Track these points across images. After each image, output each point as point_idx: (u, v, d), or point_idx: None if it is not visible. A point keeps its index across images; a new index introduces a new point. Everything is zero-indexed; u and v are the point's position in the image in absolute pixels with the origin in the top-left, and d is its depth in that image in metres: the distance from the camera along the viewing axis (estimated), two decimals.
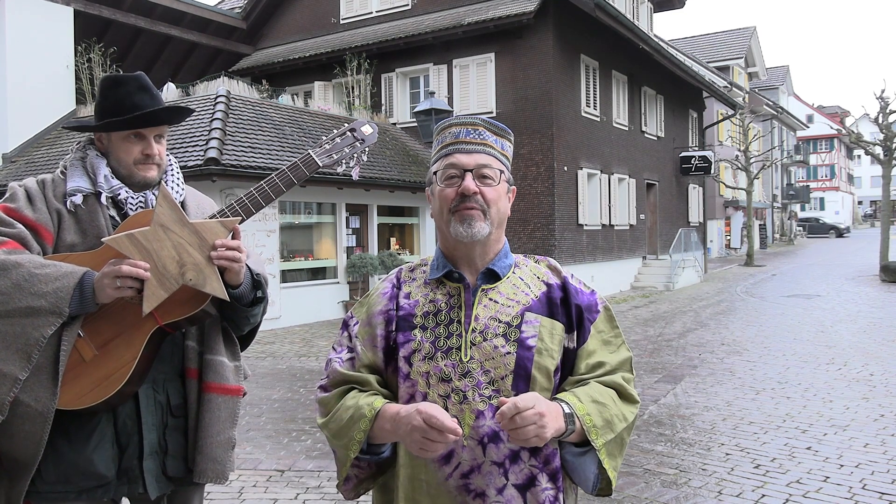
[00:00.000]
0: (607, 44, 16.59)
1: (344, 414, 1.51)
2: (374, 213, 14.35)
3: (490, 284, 1.58)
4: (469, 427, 1.47)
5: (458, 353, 1.50)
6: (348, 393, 1.56)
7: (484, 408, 1.47)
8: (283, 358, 9.28)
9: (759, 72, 38.84)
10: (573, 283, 1.63)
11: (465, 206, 1.53)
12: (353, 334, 1.63)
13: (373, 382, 1.56)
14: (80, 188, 1.96)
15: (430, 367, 1.51)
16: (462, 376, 1.49)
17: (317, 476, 4.62)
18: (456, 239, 1.55)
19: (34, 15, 14.23)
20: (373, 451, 1.54)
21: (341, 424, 1.51)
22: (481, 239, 1.55)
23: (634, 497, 4.19)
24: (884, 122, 20.13)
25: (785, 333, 10.65)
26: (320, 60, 17.28)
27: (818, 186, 63.47)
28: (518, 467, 1.46)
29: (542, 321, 1.55)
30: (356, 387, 1.57)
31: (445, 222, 1.56)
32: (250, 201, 1.95)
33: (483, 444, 1.46)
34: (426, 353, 1.52)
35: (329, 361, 1.63)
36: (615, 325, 1.63)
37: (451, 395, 1.49)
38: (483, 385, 1.48)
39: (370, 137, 2.13)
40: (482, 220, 1.53)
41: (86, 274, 1.81)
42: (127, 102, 1.97)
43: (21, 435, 1.78)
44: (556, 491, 1.48)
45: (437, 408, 1.37)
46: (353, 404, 1.50)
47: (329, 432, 1.55)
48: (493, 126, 1.61)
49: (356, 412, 1.48)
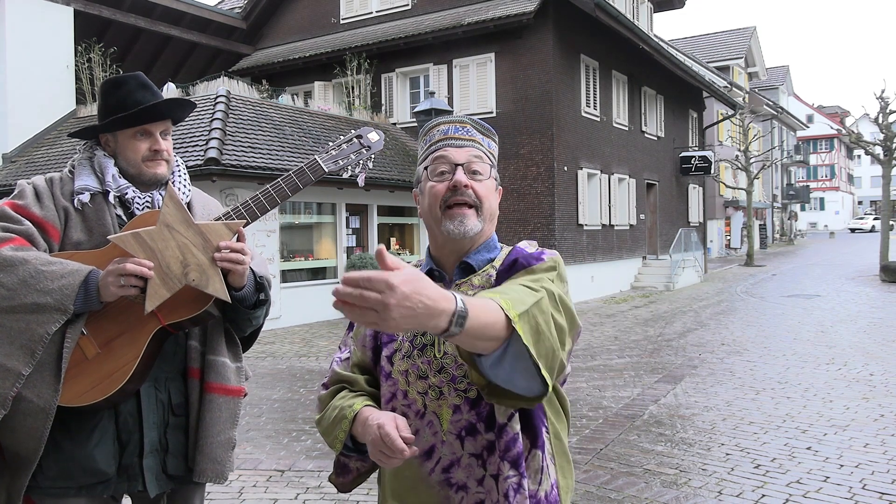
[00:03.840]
0: (607, 44, 16.60)
1: (331, 413, 1.57)
2: (374, 213, 14.35)
3: (464, 278, 1.56)
4: (447, 422, 1.48)
5: (432, 350, 1.51)
6: (340, 392, 1.61)
7: (460, 402, 1.48)
8: (283, 358, 9.28)
9: (759, 72, 38.86)
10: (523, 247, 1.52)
11: (456, 200, 1.50)
12: (352, 334, 1.68)
13: (360, 382, 1.60)
14: (88, 187, 1.97)
15: (408, 365, 1.52)
16: (437, 372, 1.50)
17: (317, 476, 4.63)
18: (446, 237, 1.53)
19: (34, 15, 14.23)
20: (361, 448, 1.56)
21: (329, 423, 1.57)
22: (473, 236, 1.53)
23: (634, 497, 4.19)
24: (884, 122, 20.13)
25: (785, 333, 10.65)
26: (320, 60, 17.28)
27: (818, 186, 63.54)
28: (493, 458, 1.46)
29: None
30: (347, 386, 1.62)
31: (436, 220, 1.53)
32: (256, 205, 1.96)
33: (461, 437, 1.48)
34: (405, 352, 1.54)
35: (332, 362, 1.69)
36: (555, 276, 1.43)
37: (428, 392, 1.50)
38: (458, 379, 1.48)
39: (376, 144, 2.13)
40: (475, 217, 1.51)
41: (91, 272, 1.82)
42: (129, 101, 1.98)
43: (23, 430, 1.79)
44: (518, 477, 1.44)
45: (398, 422, 1.37)
46: (339, 405, 1.56)
47: (320, 429, 1.61)
48: (480, 125, 1.61)
49: (339, 413, 1.54)
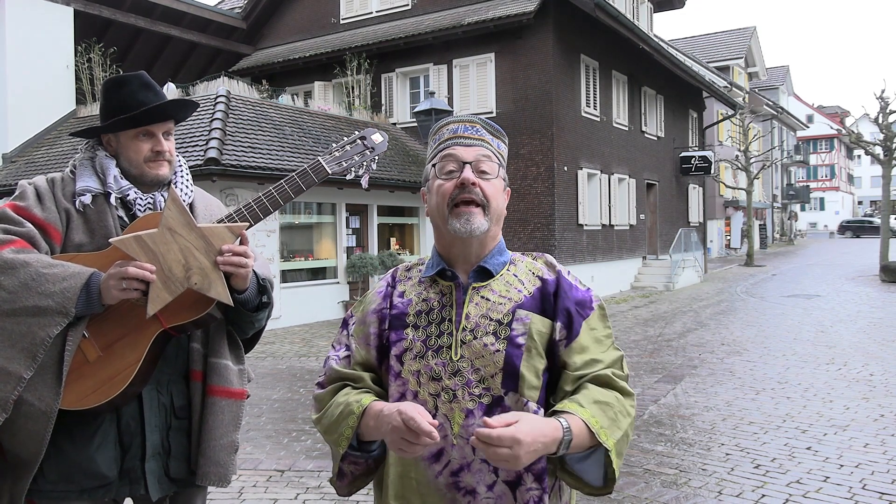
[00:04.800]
0: (607, 44, 16.60)
1: (335, 410, 1.51)
2: (374, 213, 14.35)
3: (482, 282, 1.56)
4: (458, 426, 1.46)
5: (448, 352, 1.50)
6: (341, 390, 1.56)
7: (473, 407, 1.46)
8: (283, 358, 9.28)
9: (759, 72, 38.84)
10: (567, 279, 1.59)
11: (463, 198, 1.50)
12: (350, 332, 1.63)
13: (366, 379, 1.55)
14: (90, 188, 1.95)
15: (420, 366, 1.50)
16: (452, 375, 1.48)
17: (317, 476, 4.63)
18: (453, 235, 1.52)
19: (34, 15, 14.22)
20: (364, 448, 1.54)
21: (332, 420, 1.51)
22: (479, 235, 1.52)
23: (634, 497, 4.20)
24: (884, 122, 20.11)
25: (785, 333, 10.65)
26: (320, 60, 17.28)
27: (818, 186, 63.51)
28: None
29: (532, 318, 1.51)
30: (349, 384, 1.57)
31: (443, 218, 1.53)
32: (258, 206, 1.94)
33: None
34: (417, 352, 1.51)
35: (327, 359, 1.64)
36: (608, 325, 1.59)
37: (440, 394, 1.48)
38: (473, 384, 1.47)
39: (380, 146, 2.12)
40: (482, 215, 1.51)
41: (93, 275, 1.81)
42: (131, 101, 1.96)
43: (24, 433, 1.78)
44: (541, 492, 1.46)
45: (418, 409, 1.34)
46: (344, 401, 1.51)
47: (321, 428, 1.55)
48: (490, 126, 1.61)
49: (345, 409, 1.49)
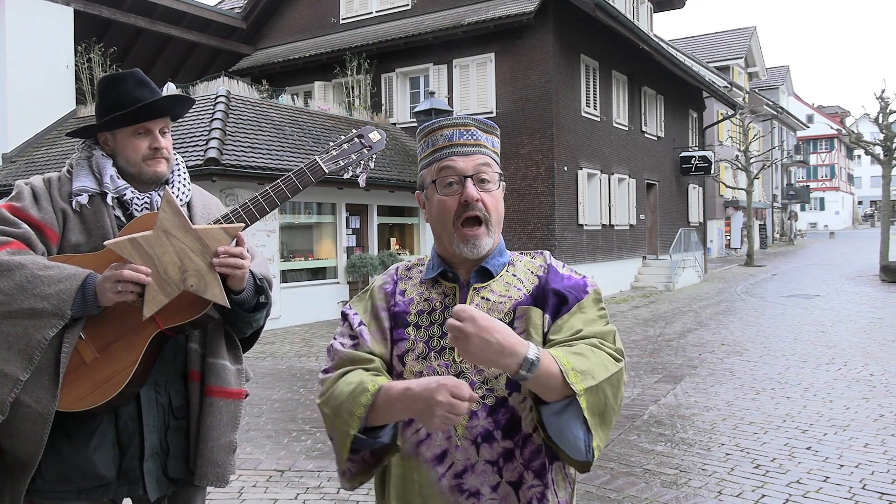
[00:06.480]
0: (607, 44, 16.59)
1: (345, 388, 1.43)
2: (374, 213, 14.35)
3: (482, 283, 1.56)
4: (462, 427, 1.46)
5: (451, 353, 1.49)
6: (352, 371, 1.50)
7: (477, 408, 1.46)
8: (283, 358, 9.28)
9: (759, 72, 38.85)
10: (558, 268, 1.58)
11: (469, 215, 1.50)
12: (356, 324, 1.58)
13: (377, 363, 1.51)
14: (86, 188, 1.95)
15: (423, 367, 1.49)
16: (455, 376, 1.46)
17: (317, 476, 4.63)
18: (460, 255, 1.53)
19: (34, 15, 14.22)
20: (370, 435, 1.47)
21: (342, 399, 1.43)
22: (485, 253, 1.54)
23: (634, 497, 4.19)
24: (884, 122, 20.13)
25: (785, 333, 10.65)
26: (320, 60, 17.28)
27: (818, 186, 63.51)
28: (512, 465, 1.45)
29: (528, 312, 1.51)
30: (359, 367, 1.50)
31: (448, 235, 1.53)
32: (255, 207, 1.93)
33: (476, 443, 1.45)
34: (419, 353, 1.51)
35: (331, 347, 1.57)
36: (602, 308, 1.55)
37: None
38: (476, 385, 1.46)
39: (378, 144, 2.10)
40: (486, 235, 1.52)
41: (88, 277, 1.81)
42: (127, 98, 1.96)
43: (22, 435, 1.78)
44: (542, 488, 1.46)
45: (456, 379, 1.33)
46: (356, 380, 1.44)
47: (328, 409, 1.46)
48: (483, 124, 1.59)
49: (358, 387, 1.41)
